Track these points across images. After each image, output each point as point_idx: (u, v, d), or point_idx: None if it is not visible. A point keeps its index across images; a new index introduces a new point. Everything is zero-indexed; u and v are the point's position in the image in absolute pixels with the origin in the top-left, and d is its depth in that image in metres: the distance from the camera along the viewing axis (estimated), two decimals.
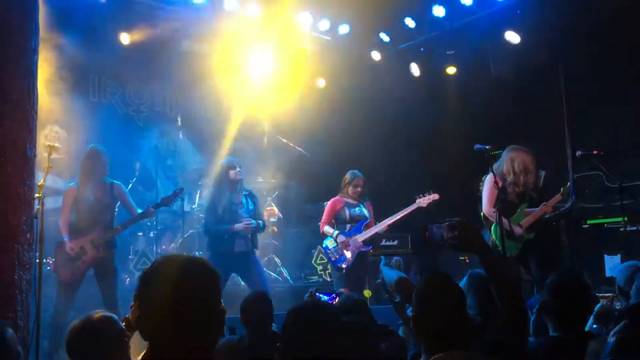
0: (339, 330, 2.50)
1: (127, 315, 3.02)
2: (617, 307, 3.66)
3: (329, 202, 7.17)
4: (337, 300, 3.82)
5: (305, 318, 2.46)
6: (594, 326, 3.80)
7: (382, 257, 5.05)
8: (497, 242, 5.90)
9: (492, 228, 6.11)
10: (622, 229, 7.29)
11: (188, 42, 8.88)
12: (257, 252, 6.77)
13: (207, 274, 1.82)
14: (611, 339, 2.56)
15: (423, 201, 7.08)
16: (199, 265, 1.84)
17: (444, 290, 2.37)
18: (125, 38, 8.31)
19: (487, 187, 6.28)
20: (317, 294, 3.99)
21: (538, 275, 6.07)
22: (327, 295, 3.92)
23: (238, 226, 6.37)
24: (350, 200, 7.06)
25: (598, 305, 4.18)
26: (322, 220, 7.12)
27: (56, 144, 5.09)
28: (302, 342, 2.34)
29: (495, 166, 6.27)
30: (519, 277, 6.11)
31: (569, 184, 6.66)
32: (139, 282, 1.85)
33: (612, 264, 7.28)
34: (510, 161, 6.25)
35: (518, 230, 6.12)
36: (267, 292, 4.20)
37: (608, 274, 7.27)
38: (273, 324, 3.98)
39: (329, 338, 2.36)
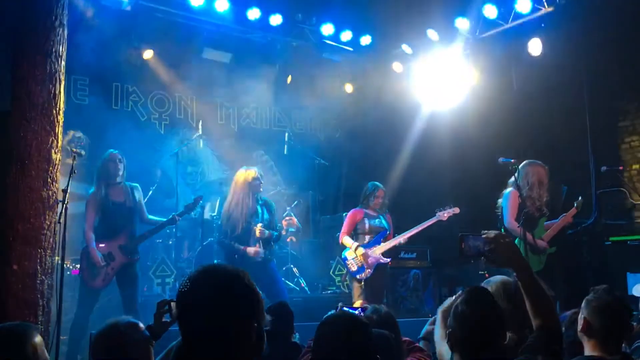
0: (372, 344, 2.46)
1: (150, 324, 2.99)
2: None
3: (349, 213, 7.13)
4: (362, 314, 3.76)
5: (341, 330, 2.42)
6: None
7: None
8: None
9: (516, 242, 6.04)
10: None
11: (210, 50, 8.92)
12: (274, 262, 6.75)
13: (241, 290, 1.81)
14: None
15: (443, 214, 7.02)
16: (232, 281, 1.82)
17: (485, 309, 2.30)
18: (150, 46, 8.38)
19: (509, 201, 6.20)
20: (342, 307, 3.94)
21: (563, 291, 5.99)
22: (352, 310, 3.87)
23: (250, 250, 6.36)
24: (370, 212, 7.02)
25: None
26: (342, 230, 7.08)
27: (81, 151, 5.11)
28: (334, 355, 2.30)
29: (511, 181, 6.24)
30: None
31: (580, 197, 6.56)
32: (177, 292, 1.84)
33: (636, 282, 7.16)
34: (525, 175, 6.20)
35: (542, 244, 6.04)
36: (287, 303, 4.16)
37: (630, 292, 7.15)
38: (296, 334, 3.94)
39: (361, 352, 2.32)
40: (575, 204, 6.47)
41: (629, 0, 7.29)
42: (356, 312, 3.67)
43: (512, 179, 6.17)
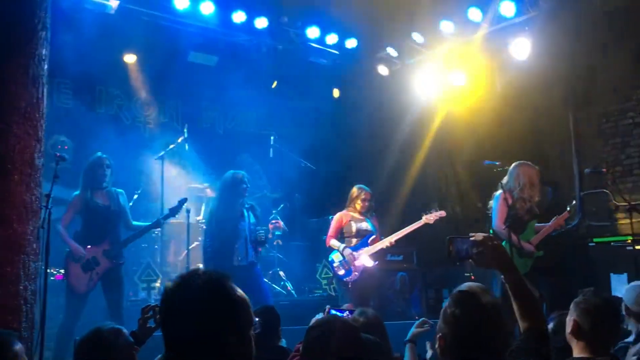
0: (361, 348, 2.46)
1: (135, 329, 2.97)
2: (626, 327, 3.60)
3: (335, 216, 7.13)
4: (349, 317, 3.76)
5: (328, 334, 2.42)
6: None
7: None
8: None
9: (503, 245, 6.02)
10: (629, 248, 7.25)
11: (195, 53, 8.89)
12: (259, 266, 6.73)
13: (229, 298, 1.80)
14: (631, 358, 2.51)
15: (430, 217, 7.04)
16: (215, 283, 1.80)
17: (477, 312, 2.29)
18: (135, 50, 8.33)
19: (497, 203, 6.21)
20: (329, 309, 3.93)
21: (550, 295, 5.98)
22: (339, 312, 3.86)
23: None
24: (356, 215, 7.02)
25: None
26: (329, 234, 7.08)
27: (64, 154, 5.06)
28: (324, 358, 2.30)
29: (503, 183, 6.25)
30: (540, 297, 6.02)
31: (575, 201, 6.58)
32: (161, 297, 1.82)
33: (619, 283, 7.22)
34: (517, 176, 6.21)
35: (529, 247, 6.05)
36: (273, 307, 4.14)
37: (614, 292, 7.21)
38: (283, 340, 3.92)
39: (351, 356, 2.32)
40: (568, 208, 6.46)
41: (611, 5, 7.35)
42: (344, 314, 3.67)
43: (504, 180, 6.19)
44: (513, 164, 6.30)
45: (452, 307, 2.33)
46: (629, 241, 7.21)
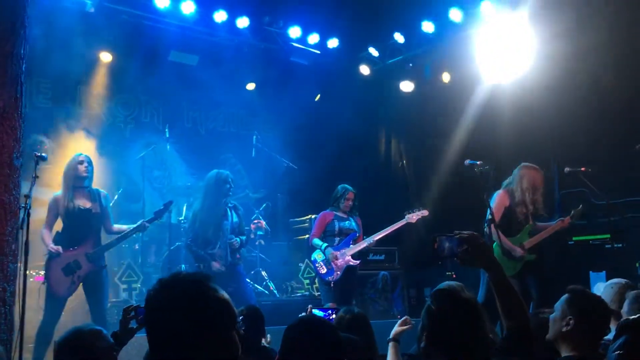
0: (338, 348, 2.47)
1: (116, 330, 2.95)
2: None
3: (319, 215, 7.12)
4: (333, 316, 3.76)
5: (305, 335, 2.43)
6: None
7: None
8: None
9: (494, 246, 6.01)
10: (608, 246, 7.34)
11: (176, 52, 8.84)
12: (242, 266, 6.71)
13: (213, 301, 1.79)
14: (612, 355, 2.54)
15: (412, 217, 7.05)
16: (200, 291, 1.80)
17: (459, 307, 2.31)
18: (114, 49, 8.26)
19: (494, 202, 6.11)
20: (311, 309, 3.94)
21: (537, 297, 5.99)
22: (322, 311, 3.86)
23: (214, 265, 6.31)
24: (340, 214, 7.03)
25: None
26: (312, 232, 7.08)
27: (43, 154, 5.00)
28: (302, 358, 2.30)
29: (505, 182, 6.23)
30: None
31: (581, 206, 6.52)
32: (145, 302, 1.82)
33: (598, 281, 7.31)
34: (519, 179, 6.17)
35: (518, 251, 6.03)
36: (257, 307, 4.13)
37: (593, 291, 7.29)
38: (263, 340, 3.92)
39: (329, 356, 2.32)
40: (572, 212, 6.34)
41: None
42: (326, 314, 3.68)
43: (507, 180, 6.18)
44: (519, 166, 6.26)
45: (434, 304, 2.36)
46: (608, 239, 7.30)
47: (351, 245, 6.90)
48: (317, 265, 6.90)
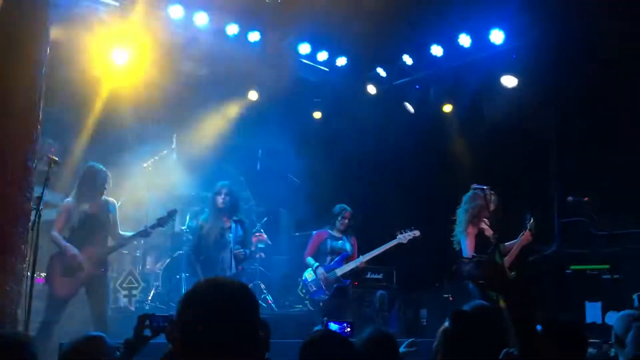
0: None
1: (128, 338, 2.97)
2: (620, 357, 3.70)
3: (314, 234, 7.21)
4: (348, 329, 3.79)
5: (326, 350, 2.47)
6: None
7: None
8: None
9: None
10: (605, 276, 7.39)
11: (187, 62, 8.89)
12: (244, 279, 6.75)
13: (246, 298, 1.83)
14: None
15: (404, 237, 7.11)
16: (238, 289, 1.85)
17: (472, 333, 2.36)
18: (122, 55, 8.29)
19: (463, 234, 6.35)
20: (327, 322, 3.96)
21: None
22: (337, 324, 3.89)
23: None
24: (335, 233, 7.12)
25: (591, 352, 4.23)
26: (306, 251, 7.16)
27: (56, 157, 5.05)
28: None
29: (465, 213, 6.38)
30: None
31: (532, 219, 6.67)
32: (179, 304, 1.85)
33: (593, 311, 7.35)
34: (469, 203, 6.35)
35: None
36: (265, 321, 4.14)
37: (588, 320, 7.34)
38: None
39: None
40: (528, 227, 6.54)
41: (598, 39, 7.54)
42: (339, 327, 3.71)
43: (465, 208, 6.31)
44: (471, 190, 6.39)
45: (452, 325, 2.42)
46: (606, 270, 7.36)
47: (343, 265, 6.95)
48: (307, 284, 7.00)
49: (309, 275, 6.98)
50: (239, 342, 1.76)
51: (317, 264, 6.93)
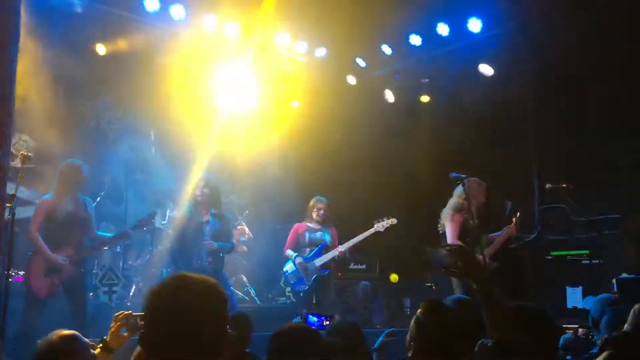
0: (322, 352, 2.51)
1: (105, 336, 2.94)
2: (595, 339, 3.75)
3: (293, 227, 7.25)
4: (326, 322, 3.80)
5: (290, 340, 2.47)
6: (567, 357, 3.88)
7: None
8: None
9: None
10: (585, 262, 7.47)
11: (164, 56, 8.79)
12: (224, 272, 6.73)
13: (216, 295, 1.81)
14: None
15: (381, 225, 7.16)
16: (208, 286, 1.82)
17: (443, 318, 2.37)
18: (101, 49, 8.21)
19: (450, 220, 6.41)
20: (307, 314, 3.97)
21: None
22: (315, 317, 3.90)
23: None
24: (312, 225, 7.16)
25: (566, 336, 4.28)
26: (286, 244, 7.19)
27: (30, 154, 4.97)
28: None
29: (453, 201, 6.43)
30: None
31: (518, 213, 6.80)
32: (146, 300, 1.82)
33: (574, 296, 7.43)
34: (465, 193, 6.40)
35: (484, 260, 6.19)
36: (245, 313, 4.14)
37: (569, 305, 7.43)
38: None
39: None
40: (514, 220, 6.66)
41: (576, 26, 7.59)
42: (318, 319, 3.72)
43: (454, 198, 6.36)
44: (466, 180, 6.44)
45: (422, 315, 2.43)
46: (585, 255, 7.44)
47: (322, 255, 6.99)
48: (287, 276, 7.08)
49: (289, 267, 7.06)
50: (206, 342, 1.74)
51: (295, 254, 6.97)
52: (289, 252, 7.08)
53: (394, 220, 7.17)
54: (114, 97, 9.07)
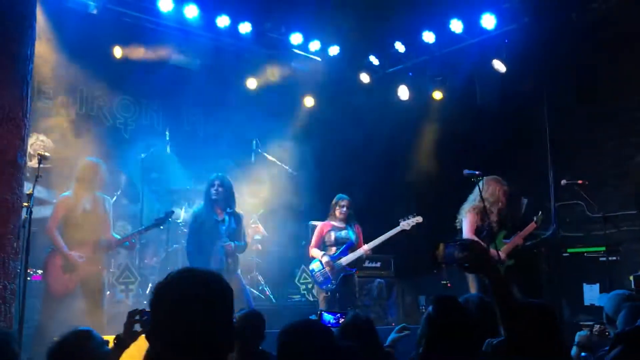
0: (333, 354, 2.51)
1: (119, 333, 2.98)
2: (611, 335, 3.72)
3: (318, 226, 7.22)
4: (341, 320, 3.81)
5: (298, 340, 2.48)
6: (582, 354, 3.85)
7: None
8: None
9: None
10: (602, 259, 7.41)
11: (178, 56, 8.87)
12: (239, 271, 6.75)
13: (222, 290, 1.82)
14: None
15: (407, 224, 7.12)
16: (213, 281, 1.84)
17: (455, 314, 2.37)
18: (117, 51, 8.28)
19: (467, 216, 6.43)
20: (321, 313, 3.98)
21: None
22: (331, 315, 3.92)
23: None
24: (337, 224, 7.11)
25: (582, 333, 4.24)
26: (311, 243, 7.17)
27: (46, 154, 5.03)
28: None
29: (472, 197, 6.44)
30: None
31: (540, 212, 6.82)
32: (152, 295, 1.84)
33: (591, 293, 7.38)
34: (484, 191, 6.41)
35: (494, 255, 6.19)
36: (258, 311, 4.16)
37: (587, 302, 7.37)
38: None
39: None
40: (535, 219, 6.67)
41: (587, 20, 7.53)
42: (334, 317, 3.73)
43: (473, 195, 6.36)
44: (486, 177, 6.47)
45: (434, 311, 2.43)
46: (602, 252, 7.38)
47: (348, 254, 6.97)
48: (314, 274, 7.01)
49: (315, 265, 6.99)
50: (213, 338, 1.75)
51: (322, 253, 6.96)
52: (315, 251, 7.03)
53: (419, 219, 7.11)
54: (129, 98, 9.15)
